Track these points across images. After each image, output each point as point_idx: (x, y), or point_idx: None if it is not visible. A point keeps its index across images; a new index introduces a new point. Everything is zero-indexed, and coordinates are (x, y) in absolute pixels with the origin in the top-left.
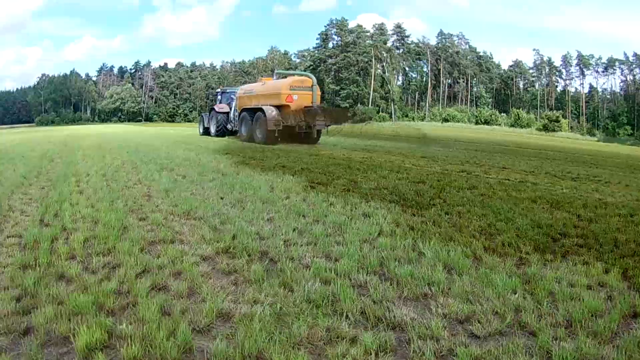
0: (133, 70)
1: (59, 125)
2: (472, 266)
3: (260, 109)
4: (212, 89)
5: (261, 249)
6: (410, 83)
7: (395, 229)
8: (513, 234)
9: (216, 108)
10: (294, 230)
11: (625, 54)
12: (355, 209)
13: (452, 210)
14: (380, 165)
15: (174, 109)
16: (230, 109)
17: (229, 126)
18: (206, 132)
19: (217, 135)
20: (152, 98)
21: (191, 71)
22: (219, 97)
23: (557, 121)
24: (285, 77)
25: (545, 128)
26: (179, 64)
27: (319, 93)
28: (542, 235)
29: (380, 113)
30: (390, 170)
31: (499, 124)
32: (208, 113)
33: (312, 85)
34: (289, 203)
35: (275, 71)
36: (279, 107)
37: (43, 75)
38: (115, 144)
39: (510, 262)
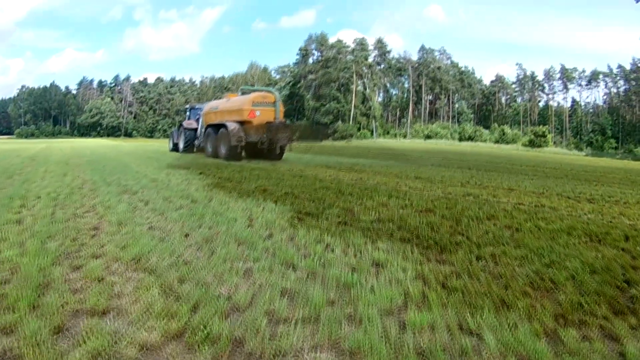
0: (113, 85)
1: (38, 138)
2: (553, 353)
3: (224, 125)
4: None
5: (234, 335)
6: (391, 99)
7: (424, 290)
8: (573, 287)
9: (184, 124)
10: (281, 293)
11: (609, 67)
12: (361, 254)
13: (483, 252)
14: (375, 189)
15: (153, 124)
16: (198, 125)
17: (196, 142)
18: (175, 147)
19: (185, 151)
20: (131, 113)
21: (171, 86)
22: (188, 113)
23: (544, 136)
24: (250, 93)
25: (531, 143)
26: (159, 79)
27: (282, 109)
28: (605, 284)
29: (362, 130)
30: (388, 195)
31: (484, 140)
32: (177, 129)
33: (274, 101)
34: (272, 245)
35: (241, 87)
36: (242, 123)
37: (23, 87)
38: (84, 160)
39: (593, 336)
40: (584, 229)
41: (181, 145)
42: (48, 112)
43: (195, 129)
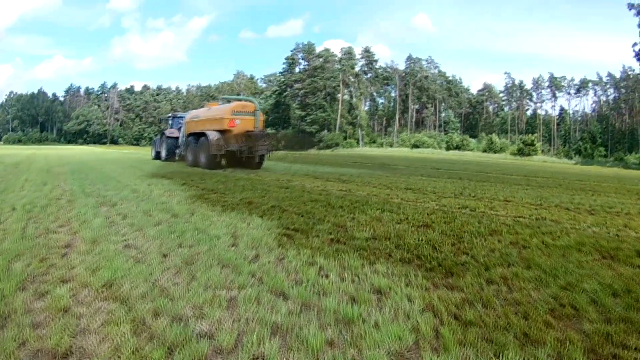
0: (100, 92)
1: (25, 145)
2: None
3: (204, 134)
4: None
5: None
6: (378, 108)
7: (435, 324)
8: (596, 313)
9: (167, 133)
10: (271, 331)
11: (598, 75)
12: (359, 278)
13: (493, 274)
14: (366, 202)
15: (139, 132)
16: (180, 133)
17: (177, 150)
18: (158, 156)
19: (167, 160)
20: (117, 121)
21: (157, 95)
22: (170, 121)
23: (533, 145)
24: (230, 102)
25: (520, 152)
26: (145, 87)
27: (262, 118)
28: (629, 309)
29: (348, 139)
30: (381, 208)
31: (471, 149)
32: (159, 137)
33: (254, 110)
34: (259, 268)
35: (221, 96)
36: (222, 132)
37: (11, 92)
38: (67, 168)
39: None
40: (593, 245)
41: (163, 154)
42: (35, 118)
43: (177, 138)
